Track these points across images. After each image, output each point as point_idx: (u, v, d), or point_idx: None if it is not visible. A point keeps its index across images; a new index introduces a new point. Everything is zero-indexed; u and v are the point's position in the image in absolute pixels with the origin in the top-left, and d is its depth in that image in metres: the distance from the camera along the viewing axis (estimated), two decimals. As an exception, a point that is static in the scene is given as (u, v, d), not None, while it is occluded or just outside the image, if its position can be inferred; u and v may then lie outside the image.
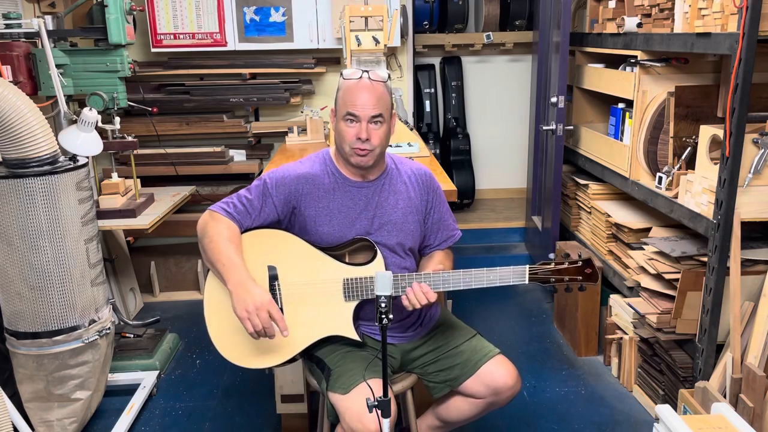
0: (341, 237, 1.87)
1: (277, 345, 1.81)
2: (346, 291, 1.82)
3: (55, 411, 2.41)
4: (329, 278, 1.82)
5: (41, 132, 2.21)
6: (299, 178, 1.86)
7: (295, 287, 1.83)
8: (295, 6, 3.66)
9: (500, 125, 4.87)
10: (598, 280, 1.80)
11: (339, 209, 1.87)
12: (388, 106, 1.82)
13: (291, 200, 1.86)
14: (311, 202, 1.86)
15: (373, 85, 1.78)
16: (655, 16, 2.59)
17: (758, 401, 2.06)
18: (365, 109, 1.76)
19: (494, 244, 4.26)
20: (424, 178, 1.96)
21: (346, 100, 1.78)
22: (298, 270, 1.83)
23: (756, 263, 2.31)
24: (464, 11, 4.45)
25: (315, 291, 1.83)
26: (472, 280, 1.79)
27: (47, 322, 2.32)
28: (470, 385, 1.89)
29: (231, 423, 2.65)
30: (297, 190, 1.85)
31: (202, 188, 3.81)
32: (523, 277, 1.78)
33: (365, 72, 1.80)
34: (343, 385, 1.75)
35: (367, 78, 1.78)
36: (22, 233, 2.23)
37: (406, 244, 1.92)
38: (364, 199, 1.88)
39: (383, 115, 1.79)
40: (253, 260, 1.80)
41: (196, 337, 3.38)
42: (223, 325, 1.83)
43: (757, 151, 2.10)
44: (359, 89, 1.77)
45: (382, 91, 1.79)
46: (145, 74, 3.72)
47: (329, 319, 1.83)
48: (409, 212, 1.91)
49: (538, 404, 2.72)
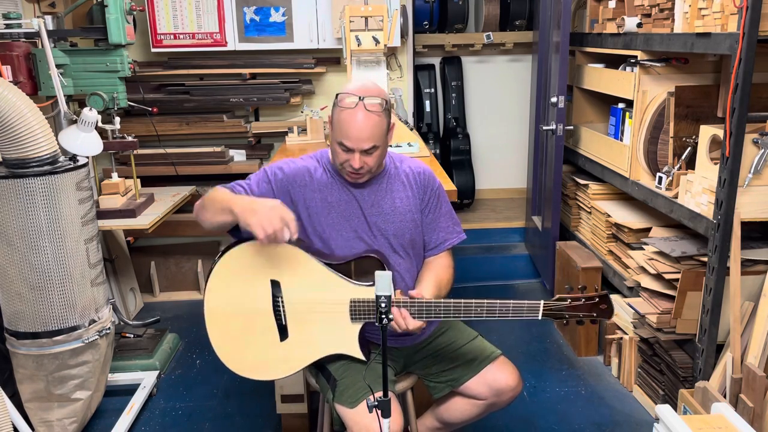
0: (339, 232, 1.85)
1: (282, 359, 1.79)
2: (352, 312, 1.77)
3: (55, 411, 2.41)
4: (336, 298, 1.77)
5: (41, 132, 2.21)
6: (297, 171, 1.86)
7: (299, 304, 1.78)
8: (295, 6, 3.66)
9: (500, 125, 4.87)
10: (612, 317, 1.77)
11: (337, 203, 1.85)
12: (384, 131, 1.77)
13: (288, 190, 1.84)
14: (309, 194, 1.85)
15: (369, 117, 1.72)
16: (655, 16, 2.59)
17: (758, 401, 2.06)
18: (358, 143, 1.73)
19: (494, 244, 4.26)
20: (422, 176, 1.93)
21: (340, 128, 1.74)
22: (303, 287, 1.78)
23: (756, 263, 2.31)
24: (464, 11, 4.44)
25: (320, 309, 1.78)
26: (484, 310, 1.72)
27: (47, 322, 2.32)
28: (472, 386, 1.89)
29: (231, 423, 2.65)
30: (295, 181, 1.85)
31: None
32: (537, 312, 1.72)
33: (361, 100, 1.72)
34: (350, 399, 1.74)
35: (362, 108, 1.72)
36: (22, 233, 2.23)
37: (405, 244, 1.90)
38: (360, 196, 1.87)
39: (376, 146, 1.75)
40: (256, 273, 1.77)
41: (196, 337, 3.38)
42: (227, 336, 1.81)
43: (757, 151, 2.09)
44: (353, 120, 1.72)
45: (377, 120, 1.73)
46: (145, 74, 3.72)
47: (334, 338, 1.79)
48: (406, 211, 1.89)
49: (538, 404, 2.72)
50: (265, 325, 1.79)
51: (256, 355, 1.80)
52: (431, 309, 1.73)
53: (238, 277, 1.79)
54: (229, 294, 1.80)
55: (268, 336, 1.80)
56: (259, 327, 1.80)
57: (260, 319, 1.79)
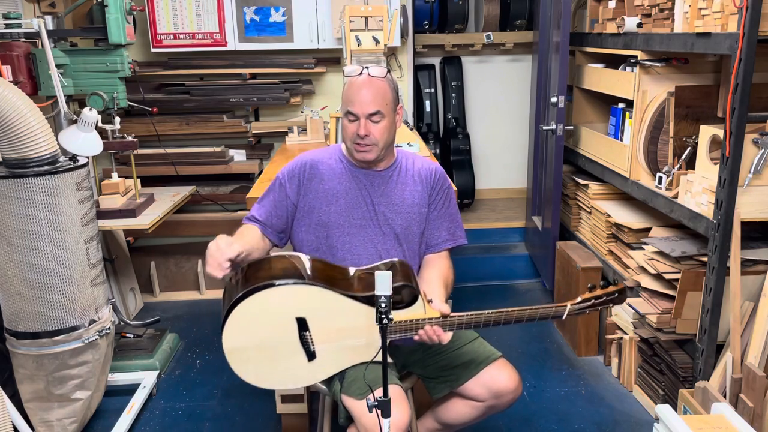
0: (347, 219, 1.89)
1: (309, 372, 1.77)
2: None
3: (55, 411, 2.41)
4: (362, 324, 1.74)
5: (41, 132, 2.21)
6: (306, 163, 1.94)
7: (327, 333, 1.75)
8: (295, 6, 3.66)
9: (500, 125, 4.87)
10: (624, 301, 1.84)
11: (346, 191, 1.90)
12: (389, 100, 1.83)
13: (302, 183, 1.92)
14: (318, 185, 1.91)
15: (372, 82, 1.80)
16: (655, 16, 2.59)
17: (758, 401, 2.06)
18: (362, 107, 1.79)
19: (494, 244, 4.26)
20: (434, 174, 1.98)
21: (347, 97, 1.83)
22: (331, 317, 1.73)
23: (756, 263, 2.31)
24: (464, 11, 4.44)
25: (348, 335, 1.76)
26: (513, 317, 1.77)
27: (47, 322, 2.32)
28: (471, 387, 1.88)
29: (231, 423, 2.65)
30: (304, 173, 1.92)
31: (202, 188, 3.81)
32: (563, 315, 1.79)
33: (365, 68, 1.82)
34: (358, 390, 1.74)
35: (366, 74, 1.81)
36: (22, 233, 2.23)
37: (409, 236, 1.92)
38: (370, 185, 1.91)
39: (381, 111, 1.81)
40: (281, 316, 1.71)
41: (196, 337, 3.38)
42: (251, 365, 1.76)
43: (757, 151, 2.10)
44: (358, 87, 1.81)
45: (382, 86, 1.81)
46: (145, 74, 3.72)
47: (360, 353, 1.79)
48: (414, 204, 1.93)
49: (538, 404, 2.72)
50: (293, 351, 1.75)
51: (283, 375, 1.78)
52: (463, 321, 1.76)
53: (258, 320, 1.71)
54: (250, 335, 1.72)
55: (296, 359, 1.75)
56: (285, 354, 1.75)
57: (287, 349, 1.74)
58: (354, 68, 1.84)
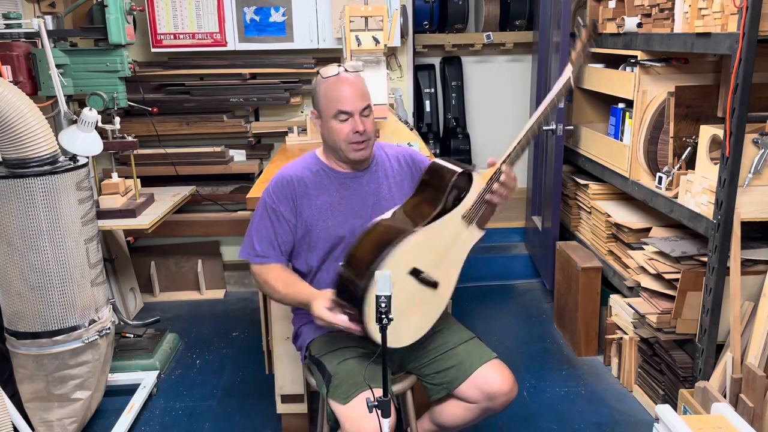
0: (350, 231, 1.88)
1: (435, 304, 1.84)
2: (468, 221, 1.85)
3: (55, 411, 2.41)
4: (452, 232, 1.81)
5: (41, 132, 2.21)
6: (293, 181, 1.90)
7: (435, 260, 1.79)
8: (295, 6, 3.66)
9: (500, 125, 4.86)
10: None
11: (340, 201, 1.89)
12: (369, 93, 1.86)
13: (295, 203, 1.89)
14: (308, 201, 1.89)
15: (355, 77, 1.82)
16: (655, 16, 2.59)
17: (758, 401, 2.06)
18: (354, 103, 1.79)
19: (494, 244, 4.26)
20: (405, 155, 2.03)
21: (333, 98, 1.80)
22: (430, 249, 1.78)
23: (756, 263, 2.31)
24: (464, 11, 4.44)
25: (449, 248, 1.82)
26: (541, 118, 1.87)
27: (47, 322, 2.32)
28: (464, 389, 1.87)
29: (231, 423, 2.65)
30: (293, 191, 1.89)
31: (202, 188, 3.81)
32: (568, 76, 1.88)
33: (340, 67, 1.83)
34: (343, 394, 1.75)
35: (344, 72, 1.82)
36: (22, 233, 2.23)
37: None
38: (360, 188, 1.91)
39: (369, 105, 1.83)
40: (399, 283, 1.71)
41: (196, 337, 3.38)
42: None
43: (757, 151, 2.10)
44: (342, 85, 1.80)
45: (361, 81, 1.84)
46: (145, 74, 3.72)
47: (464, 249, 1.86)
48: (403, 186, 1.97)
49: (538, 404, 2.72)
50: (423, 293, 1.79)
51: (428, 315, 1.83)
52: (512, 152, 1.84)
53: None
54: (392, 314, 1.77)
55: (427, 296, 1.81)
56: (420, 300, 1.80)
57: (418, 296, 1.79)
58: (331, 68, 1.83)
